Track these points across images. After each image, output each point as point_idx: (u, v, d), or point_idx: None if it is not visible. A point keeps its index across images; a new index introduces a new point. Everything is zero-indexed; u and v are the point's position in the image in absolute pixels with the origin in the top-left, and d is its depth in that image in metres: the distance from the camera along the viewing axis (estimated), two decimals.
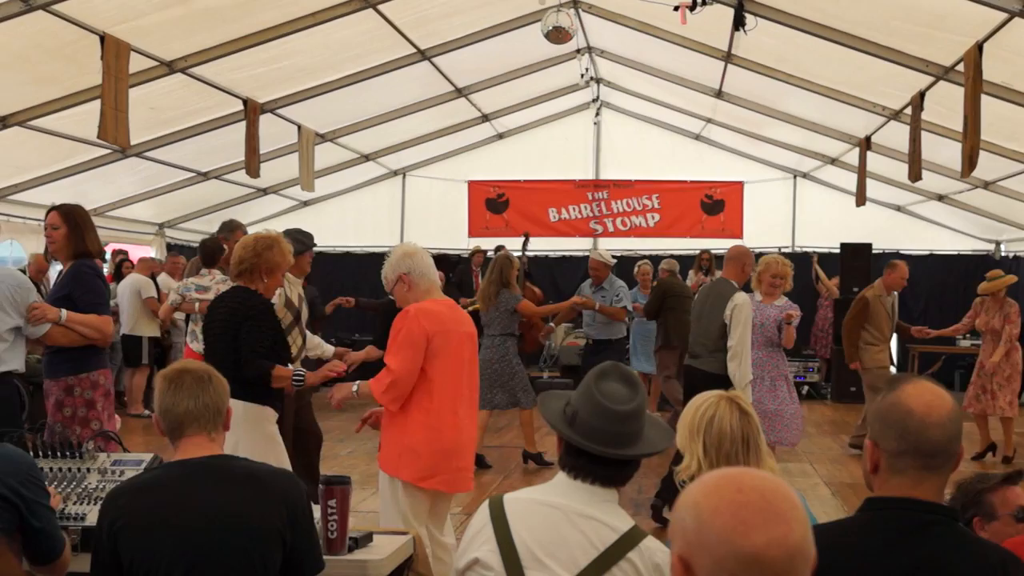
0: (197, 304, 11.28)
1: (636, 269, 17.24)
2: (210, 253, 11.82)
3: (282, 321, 9.10)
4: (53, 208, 7.73)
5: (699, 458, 4.08)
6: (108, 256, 18.08)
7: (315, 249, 10.12)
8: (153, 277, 17.17)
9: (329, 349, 9.23)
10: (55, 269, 14.52)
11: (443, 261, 11.68)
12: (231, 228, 11.79)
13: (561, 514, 3.65)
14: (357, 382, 6.91)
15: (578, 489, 3.71)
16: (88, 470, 5.07)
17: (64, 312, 7.22)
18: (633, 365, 15.82)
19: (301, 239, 9.61)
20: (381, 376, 6.67)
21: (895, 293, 13.82)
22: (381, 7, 13.65)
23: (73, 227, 7.62)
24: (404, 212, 23.71)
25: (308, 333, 9.35)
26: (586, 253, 19.10)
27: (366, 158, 21.68)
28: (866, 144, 17.41)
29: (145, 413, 16.38)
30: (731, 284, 10.23)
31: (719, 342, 9.97)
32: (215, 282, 11.48)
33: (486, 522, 3.73)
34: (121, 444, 5.62)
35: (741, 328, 9.86)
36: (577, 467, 3.73)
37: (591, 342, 14.63)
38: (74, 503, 4.93)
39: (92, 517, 4.22)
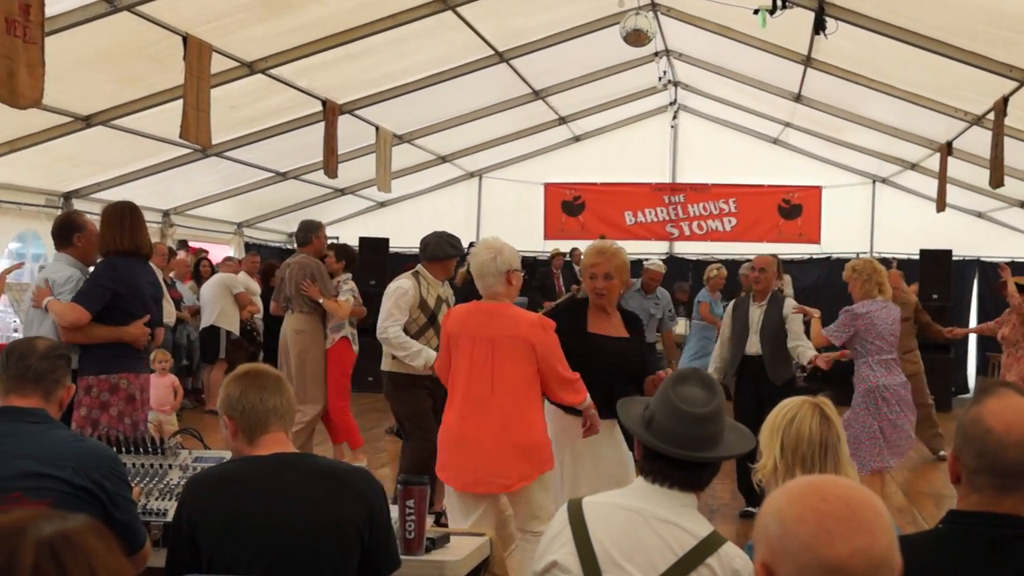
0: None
1: (708, 273, 17.13)
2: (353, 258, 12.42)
3: (415, 322, 9.31)
4: None
5: (775, 458, 4.06)
6: (184, 252, 18.24)
7: (391, 250, 10.28)
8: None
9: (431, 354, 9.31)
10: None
11: (523, 264, 11.67)
12: (313, 228, 11.92)
13: (640, 518, 3.64)
14: None
15: (656, 493, 3.70)
16: (170, 466, 5.12)
17: (47, 299, 7.40)
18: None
19: (452, 243, 9.97)
20: None
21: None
22: (460, 9, 13.68)
23: (103, 226, 7.71)
24: (480, 214, 23.76)
25: None
26: (662, 256, 19.05)
27: (443, 159, 21.75)
28: (947, 149, 17.20)
29: None
30: None
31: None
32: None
33: (564, 525, 3.73)
34: (203, 441, 5.67)
35: None
36: (655, 471, 3.72)
37: None
38: (155, 499, 4.99)
39: (173, 513, 4.27)
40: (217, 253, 19.91)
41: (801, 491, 2.20)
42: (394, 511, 4.66)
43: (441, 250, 9.82)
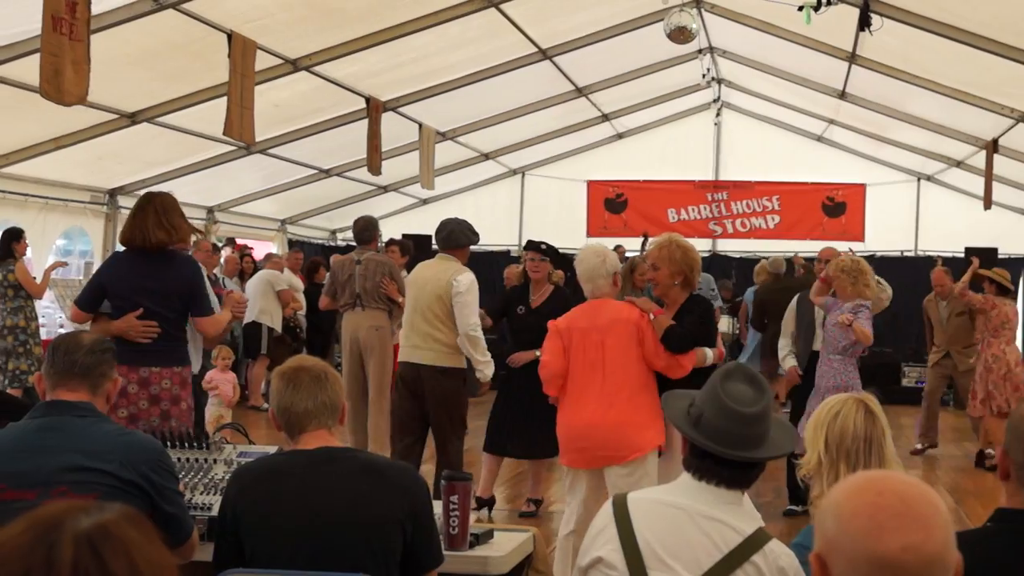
0: None
1: (757, 270, 17.06)
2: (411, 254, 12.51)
3: None
4: None
5: (820, 453, 4.03)
6: (229, 250, 18.32)
7: (434, 247, 10.38)
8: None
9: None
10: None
11: (565, 260, 11.67)
12: (375, 225, 11.91)
13: (685, 515, 3.62)
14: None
15: (703, 490, 3.68)
16: (215, 461, 5.14)
17: None
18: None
19: (472, 231, 10.35)
20: None
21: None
22: (504, 6, 13.68)
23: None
24: (523, 211, 23.75)
25: None
26: (705, 254, 18.96)
27: (486, 157, 21.76)
28: (993, 147, 17.08)
29: (264, 406, 16.60)
30: None
31: None
32: None
33: (609, 521, 3.72)
34: (247, 436, 5.69)
35: None
36: (702, 468, 3.69)
37: None
38: (200, 493, 5.01)
39: (218, 507, 4.29)
40: (260, 250, 19.99)
41: (859, 485, 2.19)
42: (437, 507, 4.66)
43: (466, 238, 10.07)
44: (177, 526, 4.41)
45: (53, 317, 15.88)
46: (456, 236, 9.98)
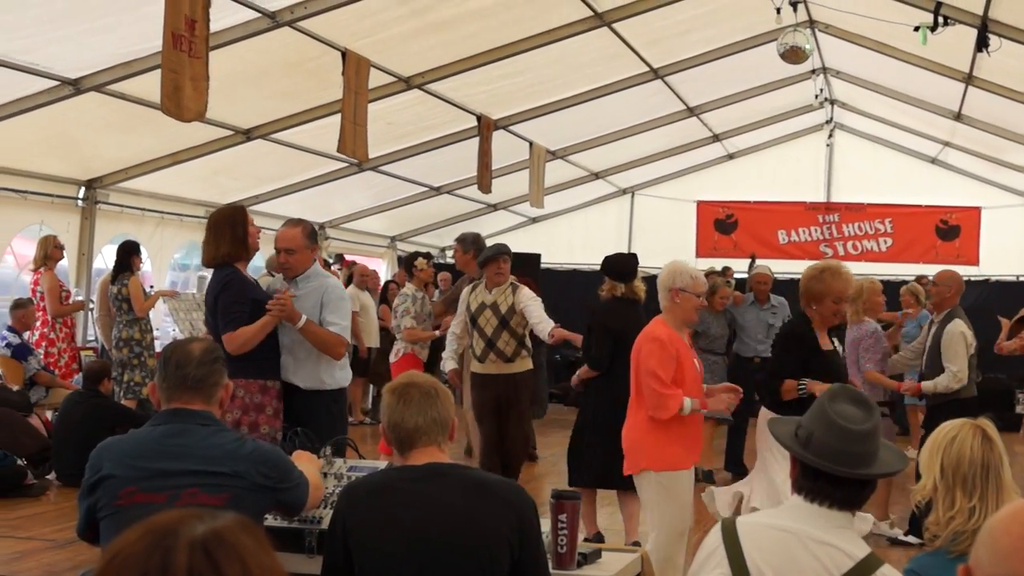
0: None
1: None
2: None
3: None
4: None
5: (935, 478, 3.96)
6: (338, 266, 18.46)
7: (543, 266, 10.50)
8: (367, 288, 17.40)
9: None
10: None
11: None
12: (476, 243, 11.89)
13: (795, 539, 3.59)
14: None
15: (813, 513, 3.64)
16: (324, 475, 5.18)
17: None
18: None
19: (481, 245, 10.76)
20: None
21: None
22: (616, 25, 13.69)
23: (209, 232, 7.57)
24: (632, 231, 23.70)
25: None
26: None
27: (596, 176, 21.77)
28: None
29: (366, 421, 16.73)
30: None
31: None
32: None
33: (718, 544, 3.69)
34: (357, 451, 5.73)
35: None
36: (815, 490, 3.66)
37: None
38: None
39: (328, 521, 4.33)
40: (371, 268, 20.11)
41: (1015, 509, 2.18)
42: (544, 525, 4.65)
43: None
44: (295, 501, 4.62)
45: (167, 330, 16.11)
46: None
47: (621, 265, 9.84)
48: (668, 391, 7.10)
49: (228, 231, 7.35)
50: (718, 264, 20.55)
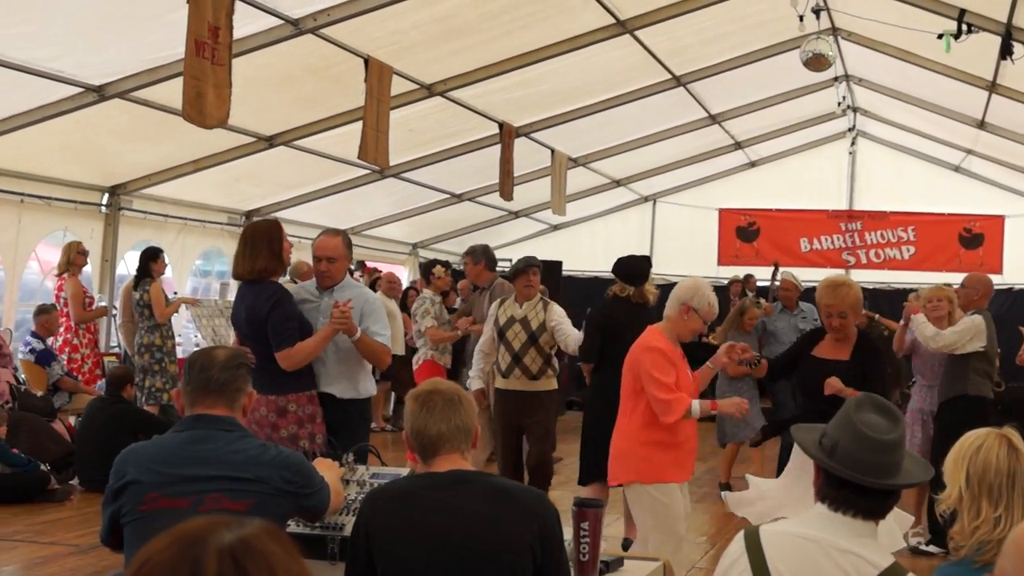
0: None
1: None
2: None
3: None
4: None
5: (960, 487, 3.94)
6: (359, 273, 18.48)
7: (564, 273, 10.48)
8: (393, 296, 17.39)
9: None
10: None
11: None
12: (486, 253, 11.90)
13: (819, 548, 3.57)
14: None
15: (837, 522, 3.63)
16: (347, 481, 5.18)
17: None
18: None
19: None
20: None
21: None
22: (638, 33, 13.67)
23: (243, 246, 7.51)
24: (653, 238, 23.66)
25: None
26: None
27: (617, 183, 21.76)
28: None
29: (387, 428, 16.71)
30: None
31: None
32: None
33: (742, 553, 3.68)
34: (380, 458, 5.74)
35: None
36: (839, 499, 3.64)
37: None
38: (334, 513, 5.05)
39: (351, 527, 4.33)
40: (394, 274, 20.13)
41: None
42: (567, 532, 4.64)
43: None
44: (317, 506, 4.66)
45: (189, 336, 16.14)
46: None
47: (630, 267, 9.86)
48: (673, 395, 7.12)
49: (265, 246, 7.32)
50: (740, 272, 20.52)
